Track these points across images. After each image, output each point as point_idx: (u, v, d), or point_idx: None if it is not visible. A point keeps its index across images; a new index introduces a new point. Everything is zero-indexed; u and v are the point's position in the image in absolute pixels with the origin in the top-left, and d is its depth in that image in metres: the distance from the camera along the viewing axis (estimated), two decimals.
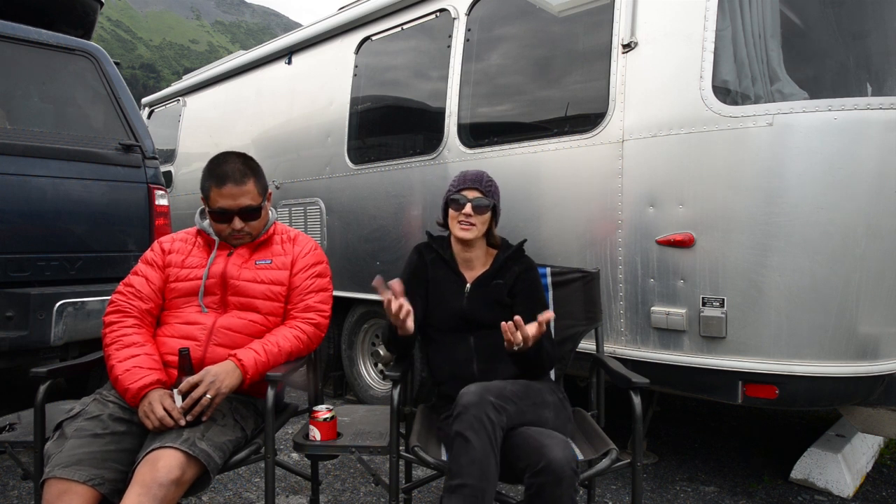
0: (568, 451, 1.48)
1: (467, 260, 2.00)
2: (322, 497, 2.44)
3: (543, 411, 1.66)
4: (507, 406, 1.54)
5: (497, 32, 3.04)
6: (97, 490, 1.44)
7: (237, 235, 1.88)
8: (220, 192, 1.82)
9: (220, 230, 1.88)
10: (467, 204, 1.90)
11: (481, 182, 1.94)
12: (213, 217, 1.86)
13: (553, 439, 1.50)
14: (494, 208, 1.97)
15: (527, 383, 1.73)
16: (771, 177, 2.12)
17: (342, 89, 3.72)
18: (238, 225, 1.85)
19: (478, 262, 2.00)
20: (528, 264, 2.00)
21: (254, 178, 1.87)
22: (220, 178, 1.82)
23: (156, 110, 5.81)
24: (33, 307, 2.68)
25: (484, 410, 1.50)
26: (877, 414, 2.36)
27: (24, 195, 2.81)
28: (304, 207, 3.97)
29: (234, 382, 1.64)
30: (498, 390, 1.58)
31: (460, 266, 2.00)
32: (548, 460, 1.44)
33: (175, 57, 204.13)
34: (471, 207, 1.90)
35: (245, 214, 1.85)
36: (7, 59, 2.92)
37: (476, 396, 1.52)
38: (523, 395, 1.63)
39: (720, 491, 2.59)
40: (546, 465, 1.44)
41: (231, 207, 1.82)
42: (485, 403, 1.51)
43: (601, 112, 2.52)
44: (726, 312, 2.18)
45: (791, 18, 2.67)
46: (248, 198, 1.84)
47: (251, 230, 1.89)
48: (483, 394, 1.53)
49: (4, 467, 2.71)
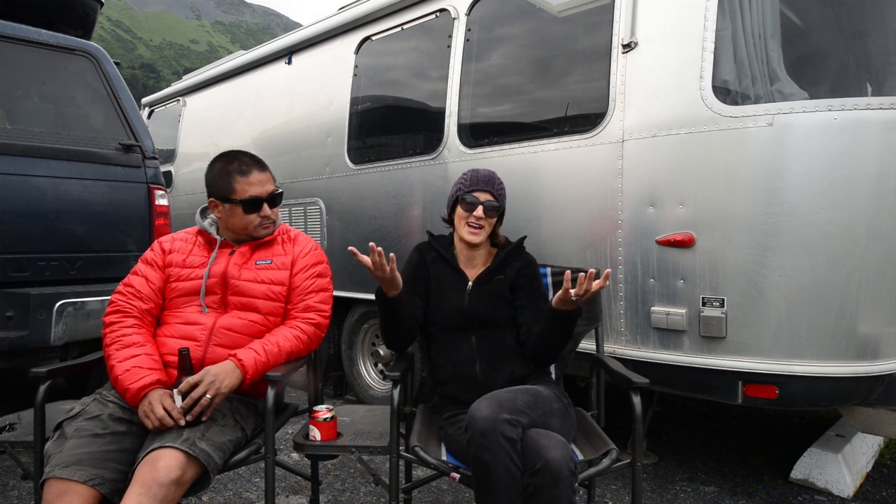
0: (566, 452, 1.48)
1: (470, 258, 2.00)
2: (322, 497, 2.44)
3: (551, 420, 1.64)
4: (520, 419, 1.52)
5: (497, 32, 3.04)
6: (97, 490, 1.44)
7: (266, 224, 1.91)
8: (248, 180, 1.85)
9: (249, 221, 1.88)
10: (479, 207, 1.89)
11: (493, 184, 1.94)
12: (245, 208, 1.86)
13: (551, 440, 1.49)
14: (503, 211, 1.98)
15: (536, 391, 1.69)
16: (771, 177, 2.12)
17: (342, 89, 3.72)
18: (267, 211, 1.89)
19: (480, 260, 2.01)
20: (528, 259, 2.01)
21: (268, 168, 1.95)
22: (243, 170, 1.86)
23: (156, 110, 5.81)
24: (33, 307, 2.68)
25: (500, 432, 1.47)
26: (877, 414, 2.36)
27: (24, 195, 2.81)
28: (304, 207, 3.97)
29: (233, 382, 1.64)
30: (510, 404, 1.54)
31: (462, 264, 2.00)
32: (545, 461, 1.44)
33: (175, 57, 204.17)
34: (482, 211, 1.89)
35: (272, 200, 1.91)
36: (7, 59, 2.92)
37: (489, 421, 1.48)
38: (534, 405, 1.61)
39: (720, 491, 2.59)
40: (543, 466, 1.44)
41: (261, 194, 1.87)
42: (499, 423, 1.48)
43: (601, 112, 2.52)
44: (726, 312, 2.18)
45: (791, 18, 2.67)
46: (270, 184, 1.92)
47: (275, 217, 1.94)
48: (497, 412, 1.49)
49: (4, 467, 2.71)
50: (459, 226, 1.94)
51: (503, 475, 1.46)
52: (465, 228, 1.92)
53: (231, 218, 1.88)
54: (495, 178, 1.96)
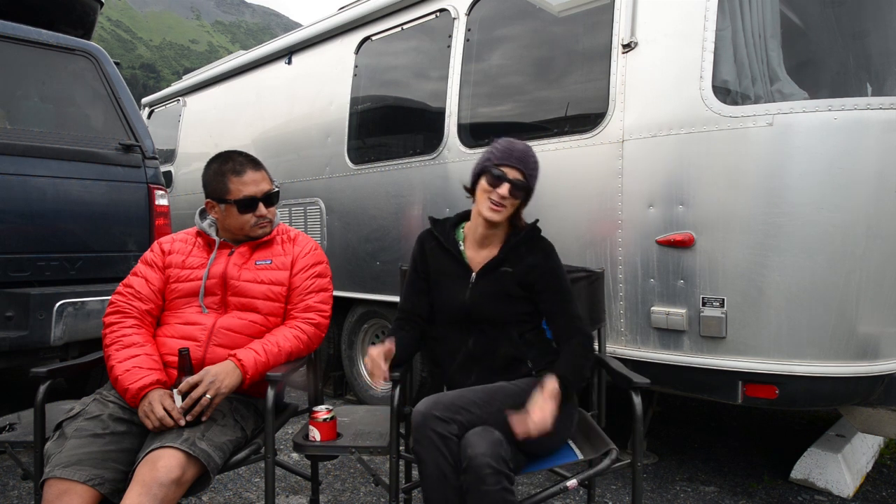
0: (493, 450, 1.44)
1: (484, 238, 1.82)
2: (322, 497, 2.44)
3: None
4: (456, 416, 1.52)
5: (497, 32, 3.04)
6: (97, 490, 1.44)
7: (262, 224, 1.90)
8: (242, 180, 1.85)
9: (245, 221, 1.87)
10: (505, 184, 1.71)
11: (527, 162, 1.75)
12: (239, 208, 1.85)
13: (481, 438, 1.47)
14: (530, 192, 1.80)
15: (495, 389, 1.67)
16: (771, 177, 2.12)
17: (342, 89, 3.72)
18: (263, 210, 1.88)
19: (494, 242, 1.83)
20: (545, 250, 1.81)
21: (264, 167, 1.94)
22: (237, 169, 1.86)
23: (156, 110, 5.82)
24: (33, 307, 2.68)
25: (430, 427, 1.50)
26: (877, 414, 2.36)
27: (24, 195, 2.81)
28: (304, 207, 3.97)
29: (233, 382, 1.64)
30: (447, 401, 1.56)
31: (473, 245, 1.85)
32: (468, 458, 1.44)
33: (175, 57, 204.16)
34: (507, 189, 1.71)
35: (267, 199, 1.89)
36: (7, 59, 2.92)
37: (420, 416, 1.53)
38: (485, 402, 1.59)
39: (720, 491, 2.59)
40: (467, 464, 1.44)
41: (256, 194, 1.86)
42: (429, 419, 1.51)
43: (601, 112, 2.52)
44: (726, 312, 2.18)
45: (791, 18, 2.67)
46: (266, 183, 1.90)
47: (272, 217, 1.92)
48: (430, 409, 1.53)
49: (4, 467, 2.71)
50: (481, 199, 1.76)
51: (433, 469, 1.49)
52: (486, 203, 1.73)
53: (228, 218, 1.88)
54: (530, 154, 1.77)
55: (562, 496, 2.47)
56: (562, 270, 1.84)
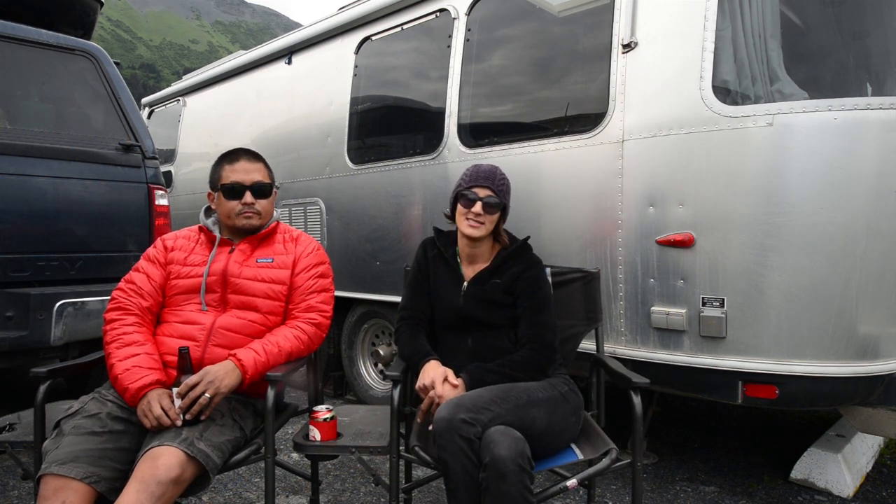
0: (516, 447, 1.47)
1: (472, 255, 1.97)
2: (322, 497, 2.44)
3: (530, 410, 1.64)
4: (480, 417, 1.55)
5: (497, 32, 3.04)
6: (93, 488, 1.44)
7: (248, 213, 1.89)
8: (233, 167, 1.89)
9: (231, 208, 1.88)
10: (477, 203, 1.86)
11: (494, 180, 1.89)
12: (225, 194, 1.88)
13: (504, 436, 1.50)
14: (504, 207, 1.93)
15: (511, 385, 1.71)
16: (771, 177, 2.12)
17: (342, 89, 3.72)
18: (249, 199, 1.88)
19: (482, 258, 1.97)
20: (530, 261, 1.95)
21: (264, 162, 1.97)
22: (231, 158, 1.92)
23: (156, 110, 5.81)
24: (33, 307, 2.68)
25: (456, 432, 1.52)
26: (877, 414, 2.36)
27: (24, 195, 2.81)
28: (304, 207, 3.97)
29: (233, 382, 1.64)
30: (469, 403, 1.58)
31: (465, 261, 1.99)
32: (492, 456, 1.46)
33: (175, 57, 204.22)
34: (481, 206, 1.86)
35: (256, 190, 1.90)
36: (7, 59, 2.92)
37: (446, 422, 1.54)
38: (503, 399, 1.63)
39: (720, 491, 2.59)
40: (490, 461, 1.46)
41: (243, 181, 1.88)
42: (455, 423, 1.52)
43: (601, 112, 2.52)
44: (726, 312, 2.18)
45: (791, 18, 2.67)
46: (259, 174, 1.92)
47: (261, 209, 1.91)
48: (454, 413, 1.54)
49: (4, 467, 2.71)
50: (460, 221, 1.91)
51: (461, 473, 1.51)
52: (465, 223, 1.89)
53: (219, 206, 1.93)
54: (496, 173, 1.91)
55: (562, 496, 2.47)
56: (543, 282, 1.95)
